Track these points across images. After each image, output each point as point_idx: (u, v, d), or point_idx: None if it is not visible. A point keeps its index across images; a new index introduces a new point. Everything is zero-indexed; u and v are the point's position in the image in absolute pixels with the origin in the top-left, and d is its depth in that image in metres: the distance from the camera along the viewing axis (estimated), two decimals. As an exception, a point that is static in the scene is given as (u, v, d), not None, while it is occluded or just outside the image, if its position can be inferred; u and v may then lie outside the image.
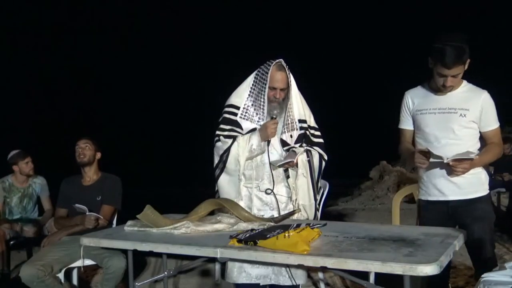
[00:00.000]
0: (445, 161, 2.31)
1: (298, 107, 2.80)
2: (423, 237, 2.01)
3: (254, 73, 2.74)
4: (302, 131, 2.79)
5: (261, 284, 2.56)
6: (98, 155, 3.52)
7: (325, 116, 2.78)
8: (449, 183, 2.45)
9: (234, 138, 2.68)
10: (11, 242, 4.12)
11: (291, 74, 2.70)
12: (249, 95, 2.73)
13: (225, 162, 2.67)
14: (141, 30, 18.42)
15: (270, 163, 2.69)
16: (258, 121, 2.71)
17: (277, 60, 2.67)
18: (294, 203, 2.71)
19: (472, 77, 2.49)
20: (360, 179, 10.49)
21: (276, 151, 2.72)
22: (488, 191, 2.51)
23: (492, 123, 2.45)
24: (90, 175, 3.47)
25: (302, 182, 2.70)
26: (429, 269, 1.61)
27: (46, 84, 17.04)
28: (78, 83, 17.66)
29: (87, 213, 3.18)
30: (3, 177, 4.53)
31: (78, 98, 17.53)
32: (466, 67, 2.38)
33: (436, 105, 2.48)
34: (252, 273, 2.53)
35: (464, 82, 2.48)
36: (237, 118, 2.72)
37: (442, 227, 2.23)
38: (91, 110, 17.22)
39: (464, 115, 2.41)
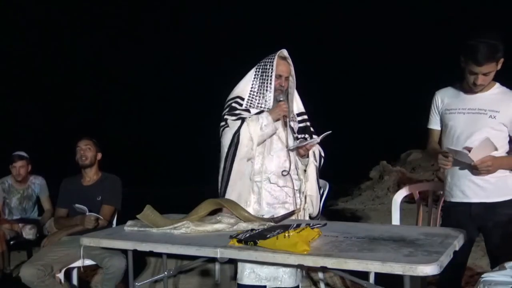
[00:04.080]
0: (468, 155, 2.25)
1: (296, 101, 2.82)
2: (423, 237, 2.01)
3: (254, 68, 2.74)
4: (303, 124, 2.81)
5: (268, 287, 2.52)
6: (99, 155, 3.52)
7: (326, 115, 2.78)
8: (473, 185, 2.40)
9: (242, 120, 2.62)
10: (11, 242, 4.13)
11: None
12: (252, 87, 2.72)
13: (236, 145, 2.57)
14: (143, 28, 18.38)
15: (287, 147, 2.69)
16: (264, 108, 2.69)
17: (281, 50, 2.70)
18: (301, 195, 2.72)
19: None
20: (360, 179, 10.48)
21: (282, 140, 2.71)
22: None
23: None
24: (91, 175, 3.47)
25: (312, 170, 2.73)
26: (429, 269, 1.61)
27: (45, 82, 17.03)
28: (78, 81, 17.64)
29: (87, 213, 3.18)
30: (3, 177, 4.53)
31: (77, 97, 17.53)
32: (499, 66, 2.33)
33: (466, 105, 2.43)
34: (262, 274, 2.49)
35: (497, 84, 2.43)
36: (243, 108, 2.69)
37: (442, 227, 2.23)
38: (91, 109, 17.23)
39: (494, 117, 2.35)
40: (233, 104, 2.71)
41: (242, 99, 2.72)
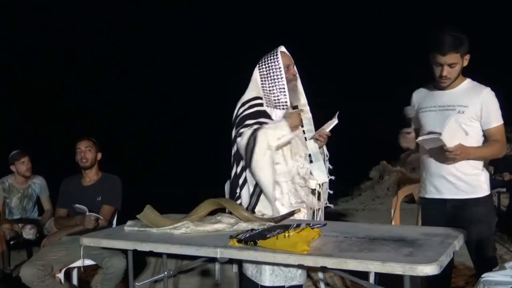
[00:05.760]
0: (440, 137, 2.26)
1: (301, 93, 2.83)
2: (423, 237, 2.01)
3: (257, 67, 2.71)
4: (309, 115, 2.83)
5: (286, 286, 2.49)
6: (99, 155, 3.52)
7: (326, 114, 2.78)
8: (445, 181, 2.45)
9: (258, 127, 2.57)
10: (11, 242, 4.13)
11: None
12: (263, 84, 2.68)
13: (253, 148, 2.50)
14: (150, 26, 18.35)
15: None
16: (280, 105, 2.67)
17: (279, 46, 2.71)
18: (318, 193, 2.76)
19: (479, 74, 2.47)
20: (360, 179, 10.49)
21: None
22: (488, 192, 2.46)
23: (493, 121, 2.38)
24: (91, 175, 3.47)
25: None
26: (429, 269, 1.61)
27: (46, 81, 17.05)
28: (79, 80, 17.66)
29: (87, 213, 3.18)
30: (3, 177, 4.53)
31: (78, 96, 17.54)
32: (465, 62, 2.37)
33: (436, 103, 2.48)
34: (282, 274, 2.45)
35: (468, 80, 2.45)
36: (265, 108, 2.64)
37: (442, 227, 2.23)
38: (91, 109, 17.23)
39: (463, 112, 2.38)
40: (250, 110, 2.63)
41: (261, 98, 2.67)
